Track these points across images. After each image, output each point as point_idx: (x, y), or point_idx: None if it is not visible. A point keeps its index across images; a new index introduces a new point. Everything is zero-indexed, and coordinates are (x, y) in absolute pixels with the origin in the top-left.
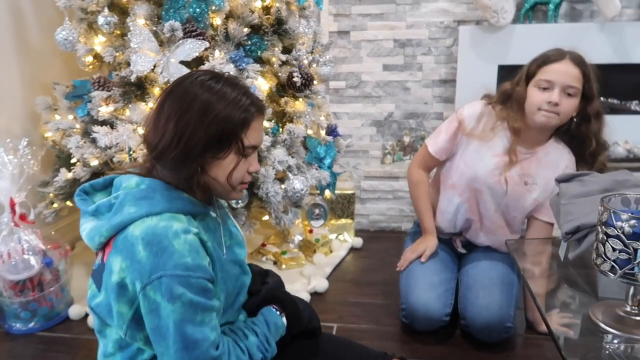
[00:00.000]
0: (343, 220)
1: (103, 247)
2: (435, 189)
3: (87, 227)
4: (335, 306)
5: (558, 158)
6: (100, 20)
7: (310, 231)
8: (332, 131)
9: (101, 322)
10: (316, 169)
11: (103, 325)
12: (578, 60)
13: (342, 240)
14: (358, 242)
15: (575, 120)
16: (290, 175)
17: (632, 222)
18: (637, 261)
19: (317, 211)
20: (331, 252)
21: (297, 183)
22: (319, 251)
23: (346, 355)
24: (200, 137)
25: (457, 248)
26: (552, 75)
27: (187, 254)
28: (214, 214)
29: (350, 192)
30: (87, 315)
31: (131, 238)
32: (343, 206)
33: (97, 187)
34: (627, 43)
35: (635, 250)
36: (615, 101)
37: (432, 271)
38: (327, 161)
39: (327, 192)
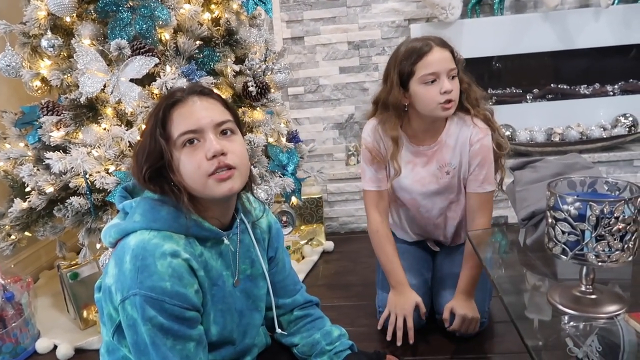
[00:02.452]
0: (313, 225)
1: (113, 246)
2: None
3: (108, 224)
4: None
5: (460, 133)
6: (44, 43)
7: None
8: (293, 137)
9: (101, 318)
10: (280, 177)
11: (102, 322)
12: (443, 43)
13: (314, 245)
14: (329, 245)
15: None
16: (254, 185)
17: (577, 204)
18: (585, 242)
19: (284, 219)
20: (303, 258)
21: (261, 193)
22: (290, 258)
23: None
24: (136, 155)
25: (431, 247)
26: (433, 67)
27: (167, 278)
28: (226, 241)
29: (317, 196)
30: (55, 347)
31: (126, 247)
32: (312, 211)
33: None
34: (571, 30)
35: (583, 231)
36: (565, 86)
37: (410, 274)
38: (290, 168)
39: (294, 199)
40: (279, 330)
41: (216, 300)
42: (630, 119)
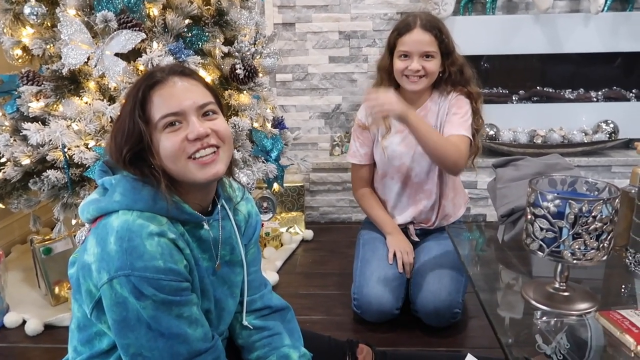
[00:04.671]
0: (293, 213)
1: (91, 222)
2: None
3: (86, 199)
4: (286, 299)
5: (442, 99)
6: (27, 10)
7: (261, 225)
8: (278, 124)
9: (73, 294)
10: (263, 162)
11: (73, 298)
12: (428, 26)
13: (293, 233)
14: (309, 234)
15: (443, 75)
16: (236, 169)
17: (557, 201)
18: (562, 239)
19: (265, 204)
20: (282, 245)
21: (243, 177)
22: (269, 245)
23: (314, 346)
24: (112, 136)
25: (411, 236)
26: (407, 46)
27: (158, 256)
28: (206, 226)
29: (299, 184)
30: (24, 322)
31: (109, 227)
32: (293, 199)
33: None
34: (560, 34)
35: (560, 228)
36: (551, 90)
37: (387, 264)
38: (274, 154)
39: (276, 185)
40: (245, 322)
41: (196, 281)
42: (612, 125)
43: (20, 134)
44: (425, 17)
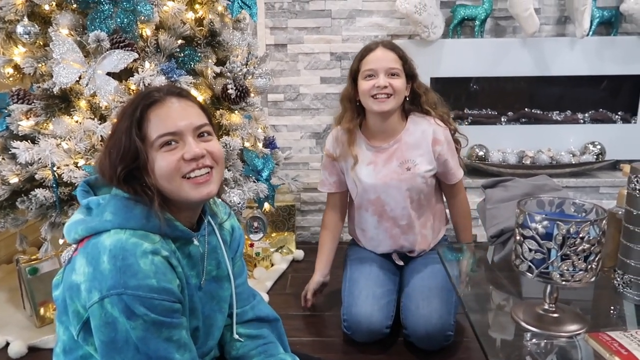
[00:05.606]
0: (284, 233)
1: (77, 243)
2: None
3: (71, 220)
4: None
5: (420, 133)
6: (20, 29)
7: (251, 245)
8: (269, 143)
9: (58, 316)
10: (254, 182)
11: (58, 321)
12: (390, 45)
13: (284, 253)
14: (299, 254)
15: (408, 99)
16: (226, 188)
17: (545, 223)
18: (550, 260)
19: (255, 224)
20: (272, 265)
21: (234, 196)
22: (259, 265)
23: None
24: (107, 153)
25: (395, 261)
26: (372, 63)
27: (152, 275)
28: (196, 242)
29: (290, 204)
30: (8, 344)
31: (100, 246)
32: (284, 218)
33: (103, 182)
34: (547, 57)
35: (549, 250)
36: (538, 111)
37: (375, 283)
38: (265, 173)
39: (267, 205)
40: (236, 336)
41: (186, 300)
42: (599, 147)
43: (9, 152)
44: (387, 40)
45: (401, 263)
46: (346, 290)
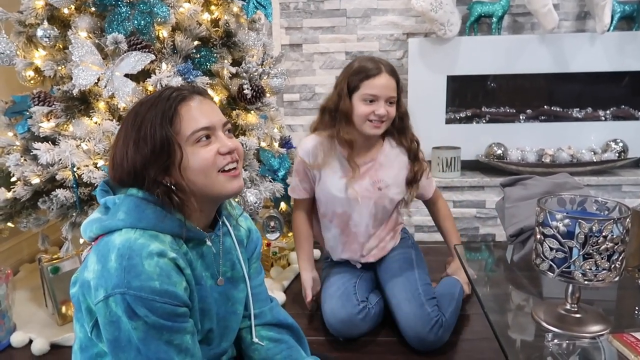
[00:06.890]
0: None
1: (92, 240)
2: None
3: (88, 218)
4: (293, 319)
5: (395, 157)
6: (40, 33)
7: (268, 244)
8: (285, 143)
9: (75, 314)
10: (270, 182)
11: (75, 318)
12: (392, 71)
13: None
14: (316, 253)
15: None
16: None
17: (566, 221)
18: (572, 259)
19: (272, 224)
20: (289, 265)
21: (250, 196)
22: (276, 264)
23: None
24: (133, 149)
25: (354, 264)
26: (376, 90)
27: (155, 277)
28: (209, 242)
29: None
30: (31, 341)
31: (110, 245)
32: None
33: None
34: (566, 53)
35: (571, 248)
36: (558, 109)
37: (347, 279)
38: (281, 173)
39: (283, 205)
40: (255, 340)
41: (199, 299)
42: (621, 144)
43: (31, 153)
44: (387, 62)
45: (359, 265)
46: (323, 292)
